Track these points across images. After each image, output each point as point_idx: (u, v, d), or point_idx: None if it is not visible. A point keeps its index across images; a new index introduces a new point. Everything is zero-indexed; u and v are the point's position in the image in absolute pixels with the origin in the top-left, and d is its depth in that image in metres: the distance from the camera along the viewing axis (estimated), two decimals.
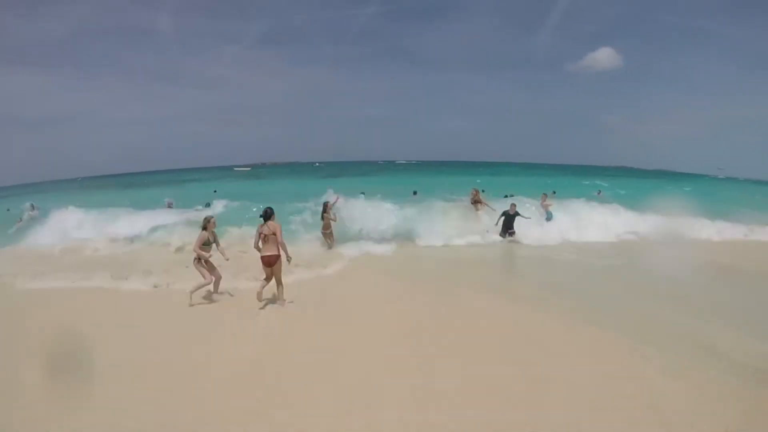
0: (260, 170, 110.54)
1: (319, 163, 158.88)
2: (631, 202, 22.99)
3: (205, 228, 9.65)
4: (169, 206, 19.13)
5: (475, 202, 18.94)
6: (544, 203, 19.66)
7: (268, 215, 9.08)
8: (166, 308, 9.46)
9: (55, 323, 8.52)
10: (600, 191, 29.08)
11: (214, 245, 9.80)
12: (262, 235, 9.02)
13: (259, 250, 9.07)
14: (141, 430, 4.86)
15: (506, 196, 23.24)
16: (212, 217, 10.10)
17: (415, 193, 30.30)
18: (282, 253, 9.03)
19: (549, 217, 19.05)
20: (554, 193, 27.12)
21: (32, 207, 20.43)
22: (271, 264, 8.97)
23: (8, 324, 8.67)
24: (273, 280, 9.21)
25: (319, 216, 15.94)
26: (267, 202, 33.56)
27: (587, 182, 45.39)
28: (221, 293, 10.06)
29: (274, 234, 8.96)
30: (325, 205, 15.71)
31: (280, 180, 64.30)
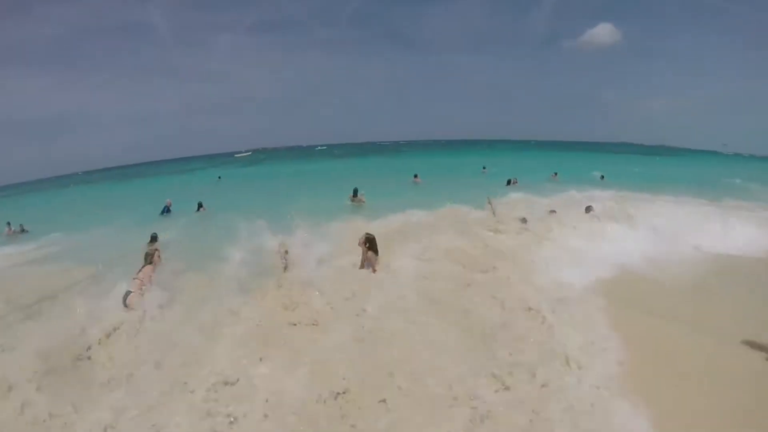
0: (260, 155, 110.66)
1: (320, 146, 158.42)
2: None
3: (150, 262, 8.16)
4: (168, 207, 18.98)
5: None
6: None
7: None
8: None
9: None
10: (603, 176, 28.36)
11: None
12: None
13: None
14: None
15: (508, 183, 23.34)
16: (156, 249, 8.68)
17: (484, 168, 30.62)
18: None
19: None
20: (555, 174, 27.31)
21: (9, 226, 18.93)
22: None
23: None
24: None
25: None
26: (267, 183, 33.30)
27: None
28: None
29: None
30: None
31: (279, 163, 64.52)
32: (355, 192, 18.14)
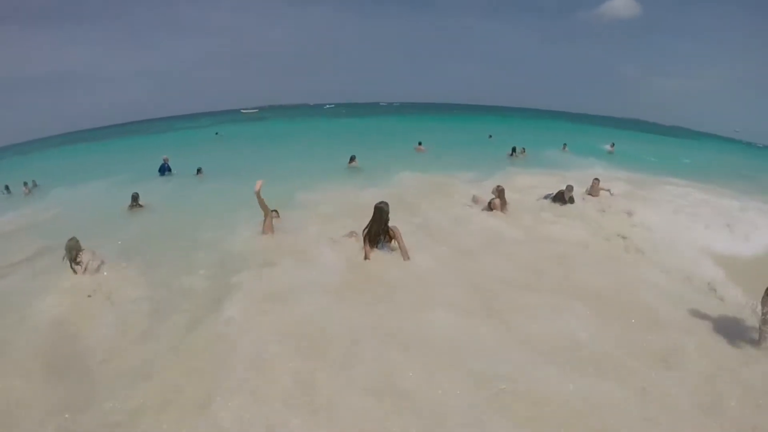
0: (266, 112, 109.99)
1: (328, 105, 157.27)
2: None
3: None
4: (165, 162, 18.39)
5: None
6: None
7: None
8: None
9: None
10: (613, 144, 28.20)
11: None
12: None
13: None
14: None
15: (513, 152, 22.94)
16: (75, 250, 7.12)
17: (490, 136, 30.25)
18: None
19: None
20: (565, 145, 26.41)
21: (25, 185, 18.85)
22: None
23: None
24: None
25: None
26: (269, 141, 33.03)
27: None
28: None
29: None
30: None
31: (283, 121, 64.15)
32: (352, 158, 18.67)
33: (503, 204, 10.84)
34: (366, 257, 6.86)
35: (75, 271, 6.90)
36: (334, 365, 4.54)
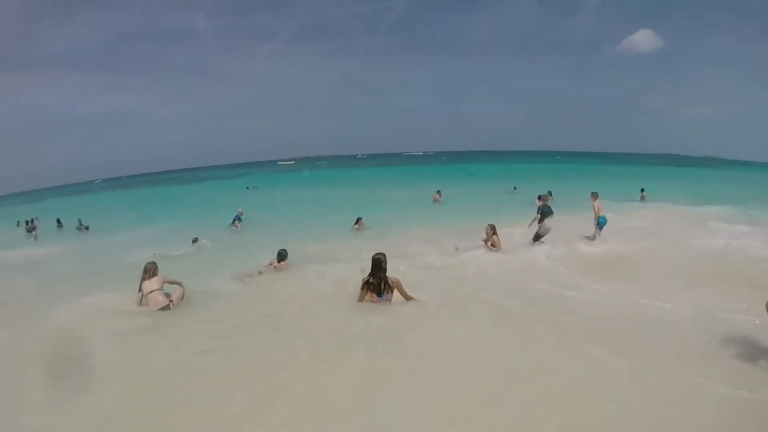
0: (302, 164, 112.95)
1: (361, 155, 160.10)
2: None
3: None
4: (239, 214, 20.41)
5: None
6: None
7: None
8: None
9: None
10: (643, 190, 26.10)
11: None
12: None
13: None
14: None
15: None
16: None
17: (515, 188, 30.01)
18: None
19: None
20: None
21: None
22: None
23: None
24: None
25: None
26: (297, 194, 33.92)
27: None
28: None
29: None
30: None
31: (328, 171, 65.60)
32: (358, 220, 17.41)
33: (489, 238, 12.33)
34: (360, 300, 7.15)
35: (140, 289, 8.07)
36: None
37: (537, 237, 13.10)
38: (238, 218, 20.18)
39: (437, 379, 4.98)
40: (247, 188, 43.73)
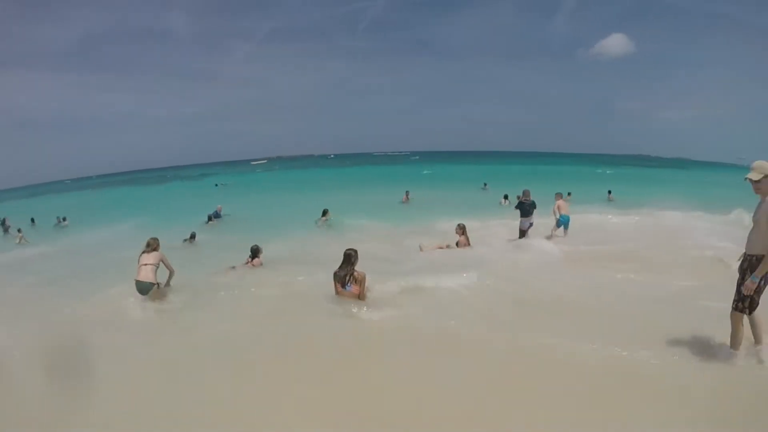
0: (275, 164, 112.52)
1: (333, 155, 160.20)
2: None
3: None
4: (218, 214, 20.85)
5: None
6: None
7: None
8: None
9: None
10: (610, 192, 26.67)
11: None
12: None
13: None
14: None
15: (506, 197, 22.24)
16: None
17: (485, 185, 30.02)
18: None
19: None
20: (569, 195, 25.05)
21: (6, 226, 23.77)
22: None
23: None
24: None
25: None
26: (265, 192, 34.11)
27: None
28: None
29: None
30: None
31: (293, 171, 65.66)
32: (324, 212, 18.21)
33: (466, 239, 12.41)
34: (337, 293, 7.54)
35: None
36: None
37: (521, 233, 13.62)
38: (216, 214, 20.51)
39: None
40: (216, 185, 43.48)
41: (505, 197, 22.24)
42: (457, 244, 12.40)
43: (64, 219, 23.96)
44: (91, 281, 10.01)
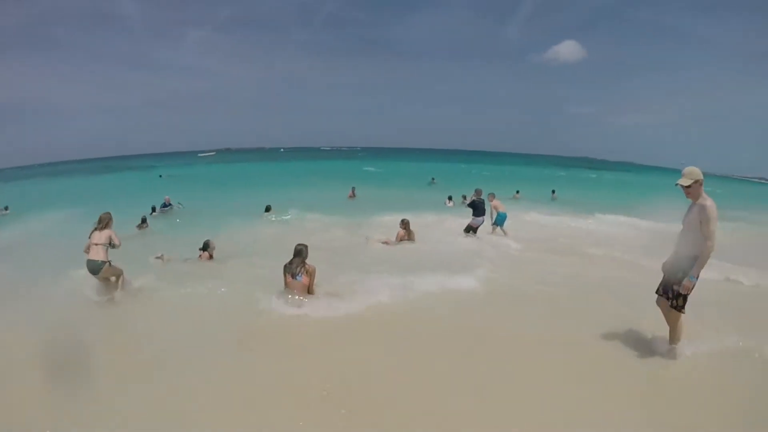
0: (224, 155, 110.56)
1: (284, 149, 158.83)
2: None
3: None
4: (166, 204, 20.02)
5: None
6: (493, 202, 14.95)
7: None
8: None
9: None
10: (554, 191, 28.35)
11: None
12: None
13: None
14: None
15: (450, 198, 22.64)
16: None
17: (433, 179, 29.98)
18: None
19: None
20: (518, 193, 26.78)
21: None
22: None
23: None
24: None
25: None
26: (208, 184, 33.76)
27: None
28: None
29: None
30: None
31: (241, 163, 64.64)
32: (268, 208, 18.07)
33: (409, 234, 12.79)
34: (286, 285, 7.61)
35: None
36: None
37: (469, 228, 13.85)
38: (164, 204, 19.95)
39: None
40: (161, 176, 42.22)
41: (449, 198, 22.46)
42: (398, 238, 12.80)
43: (6, 208, 22.46)
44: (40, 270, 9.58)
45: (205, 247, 10.96)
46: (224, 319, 6.97)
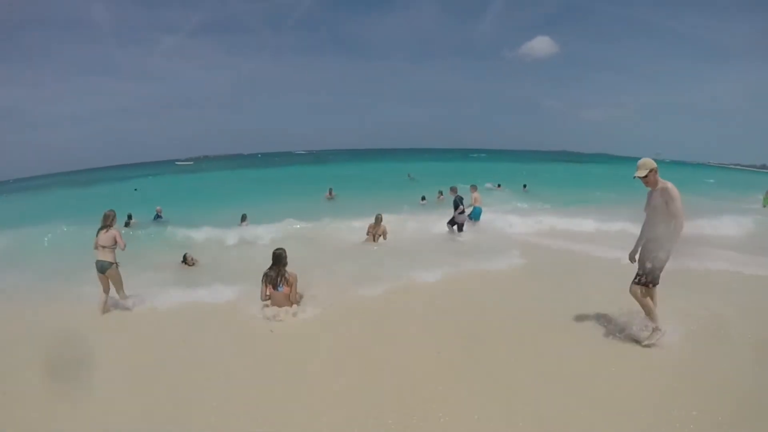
0: (202, 164, 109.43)
1: (261, 154, 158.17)
2: None
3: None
4: (158, 212, 20.06)
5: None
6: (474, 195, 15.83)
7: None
8: None
9: None
10: (525, 186, 29.17)
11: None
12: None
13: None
14: None
15: (423, 198, 22.92)
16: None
17: (409, 175, 30.08)
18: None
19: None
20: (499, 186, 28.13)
21: None
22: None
23: None
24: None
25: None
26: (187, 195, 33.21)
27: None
28: None
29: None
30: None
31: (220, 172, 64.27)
32: (243, 217, 17.69)
33: (376, 228, 13.49)
34: (262, 297, 7.56)
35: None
36: None
37: (452, 222, 14.34)
38: (157, 216, 19.92)
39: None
40: (135, 190, 41.39)
41: (423, 198, 22.76)
42: (372, 234, 13.56)
43: None
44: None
45: (185, 259, 11.60)
46: (218, 325, 7.19)
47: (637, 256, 5.97)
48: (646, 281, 5.68)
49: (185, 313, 7.79)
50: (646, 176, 5.58)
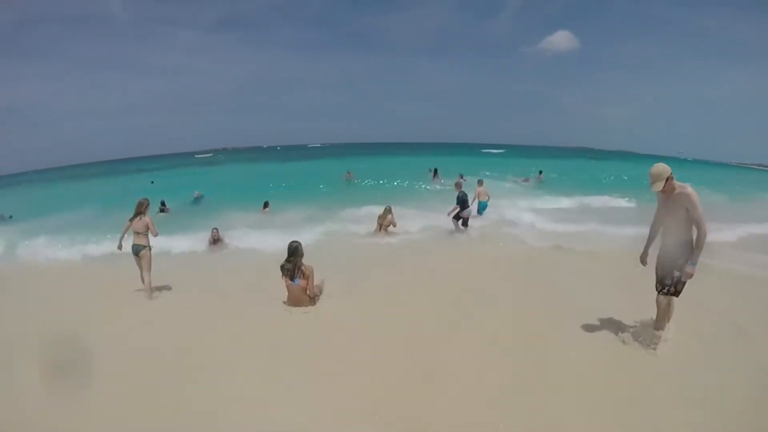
0: (220, 156, 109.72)
1: (280, 147, 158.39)
2: None
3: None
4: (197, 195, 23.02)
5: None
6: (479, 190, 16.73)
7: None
8: None
9: None
10: (541, 172, 29.65)
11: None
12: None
13: None
14: None
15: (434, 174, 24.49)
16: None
17: (430, 170, 30.60)
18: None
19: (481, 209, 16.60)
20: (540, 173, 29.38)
21: None
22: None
23: None
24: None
25: None
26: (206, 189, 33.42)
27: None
28: None
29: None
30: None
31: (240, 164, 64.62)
32: (265, 204, 18.50)
33: (385, 219, 13.99)
34: (286, 288, 7.65)
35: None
36: None
37: (458, 217, 14.26)
38: (196, 198, 22.77)
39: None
40: (152, 183, 41.66)
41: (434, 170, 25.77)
42: (380, 224, 14.04)
43: (11, 216, 21.82)
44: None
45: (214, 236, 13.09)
46: (241, 318, 7.37)
47: (648, 259, 5.83)
48: (674, 292, 5.53)
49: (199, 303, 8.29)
50: (664, 187, 5.22)
